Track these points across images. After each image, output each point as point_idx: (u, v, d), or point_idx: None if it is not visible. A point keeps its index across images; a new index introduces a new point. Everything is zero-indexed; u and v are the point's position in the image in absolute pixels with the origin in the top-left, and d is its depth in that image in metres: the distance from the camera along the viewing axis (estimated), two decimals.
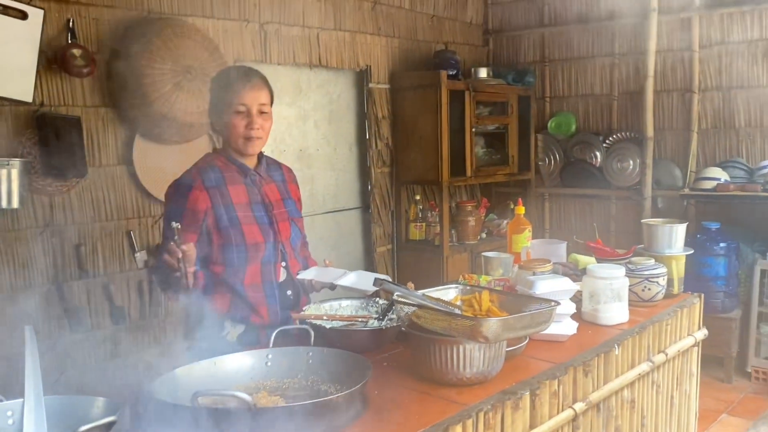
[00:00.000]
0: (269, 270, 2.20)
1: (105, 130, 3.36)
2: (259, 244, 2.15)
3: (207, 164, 2.18)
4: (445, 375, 1.65)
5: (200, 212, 2.10)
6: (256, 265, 2.17)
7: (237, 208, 2.15)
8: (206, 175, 2.14)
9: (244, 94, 2.11)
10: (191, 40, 3.41)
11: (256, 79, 2.16)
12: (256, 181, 2.23)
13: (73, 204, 3.26)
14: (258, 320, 2.17)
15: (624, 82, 5.20)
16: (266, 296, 2.19)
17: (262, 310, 2.18)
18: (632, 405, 2.14)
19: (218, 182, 2.15)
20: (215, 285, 2.14)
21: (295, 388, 1.64)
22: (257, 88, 2.15)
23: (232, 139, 2.15)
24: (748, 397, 4.16)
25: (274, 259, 2.21)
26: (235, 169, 2.19)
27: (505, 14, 5.75)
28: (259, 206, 2.20)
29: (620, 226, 5.27)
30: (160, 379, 1.45)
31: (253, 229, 2.15)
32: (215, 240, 2.12)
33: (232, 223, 2.13)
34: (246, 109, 2.12)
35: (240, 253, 2.13)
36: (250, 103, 2.12)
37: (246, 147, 2.16)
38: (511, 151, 5.30)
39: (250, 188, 2.21)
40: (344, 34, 4.54)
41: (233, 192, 2.16)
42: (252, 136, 2.14)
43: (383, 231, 4.98)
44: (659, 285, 2.39)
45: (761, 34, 4.58)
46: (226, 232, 2.12)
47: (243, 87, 2.12)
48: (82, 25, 3.24)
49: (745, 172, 4.57)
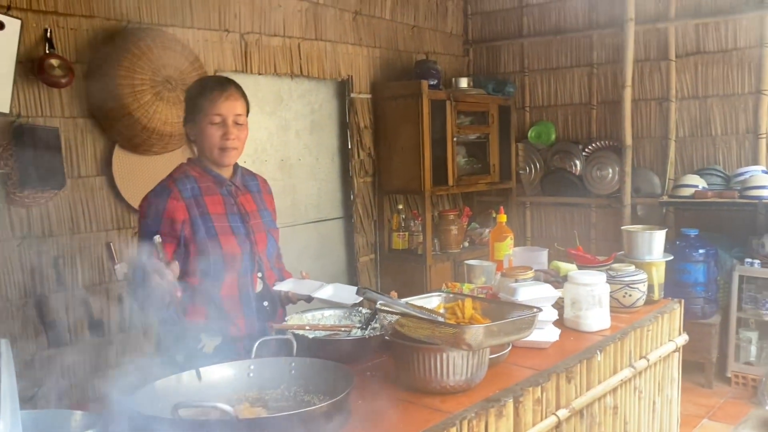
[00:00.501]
0: (246, 281, 2.18)
1: (84, 140, 3.33)
2: (236, 255, 2.13)
3: (182, 174, 2.16)
4: (428, 383, 1.65)
5: (178, 222, 2.07)
6: (233, 276, 2.14)
7: (214, 219, 2.12)
8: (182, 186, 2.12)
9: (220, 105, 2.09)
10: (171, 50, 3.39)
11: (231, 90, 2.14)
12: (232, 192, 2.21)
13: (51, 215, 3.22)
14: (235, 331, 2.15)
15: (602, 91, 5.26)
16: (243, 307, 2.17)
17: (240, 321, 2.16)
18: (615, 411, 2.15)
19: (195, 192, 2.12)
20: (191, 297, 2.11)
21: (277, 399, 1.63)
22: (233, 99, 2.13)
23: (208, 149, 2.13)
24: (729, 402, 4.20)
25: (251, 269, 2.19)
26: (211, 179, 2.17)
27: (484, 25, 5.80)
28: (236, 217, 2.18)
29: (600, 233, 5.32)
30: (140, 392, 1.43)
31: (230, 239, 2.13)
32: (191, 251, 2.10)
33: (209, 233, 2.10)
34: (221, 120, 2.10)
35: (217, 264, 2.11)
36: (225, 114, 2.10)
37: (221, 157, 2.14)
38: (492, 160, 5.33)
39: (226, 198, 2.18)
40: (325, 44, 4.55)
41: (210, 202, 2.14)
42: (227, 147, 2.12)
43: (366, 240, 4.98)
44: (640, 291, 2.41)
45: (735, 43, 4.66)
46: (203, 243, 2.09)
47: (219, 97, 2.10)
48: (60, 34, 3.21)
49: (722, 179, 4.63)
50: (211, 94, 2.10)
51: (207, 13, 3.82)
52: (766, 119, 4.59)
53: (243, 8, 4.01)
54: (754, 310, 4.33)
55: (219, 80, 2.20)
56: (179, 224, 2.07)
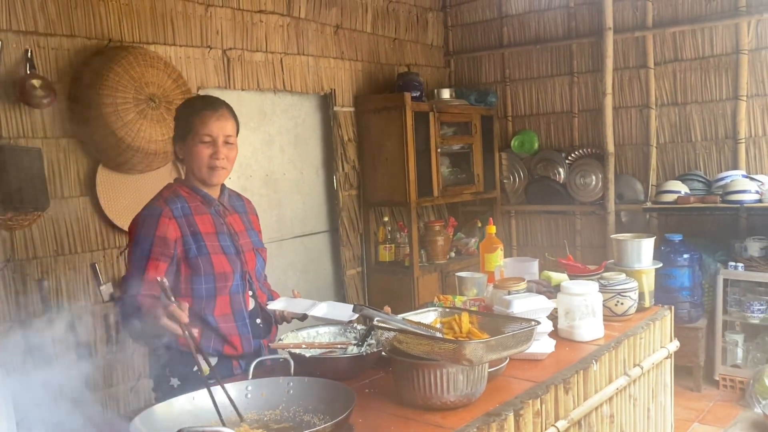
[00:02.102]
0: (238, 299, 2.17)
1: (67, 160, 3.29)
2: (227, 274, 2.12)
3: (172, 194, 2.15)
4: (429, 399, 1.64)
5: (171, 241, 2.05)
6: (225, 296, 2.14)
7: (205, 238, 2.11)
8: (173, 205, 2.10)
9: (211, 125, 2.10)
10: (153, 68, 3.37)
11: (222, 110, 2.15)
12: (221, 212, 2.21)
13: (34, 237, 3.17)
14: (231, 351, 2.13)
15: (583, 99, 5.32)
16: (237, 326, 2.16)
17: (235, 340, 2.14)
18: (612, 420, 2.15)
19: (185, 212, 2.12)
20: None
21: (277, 420, 1.61)
22: (224, 119, 2.13)
23: (197, 168, 2.13)
24: (718, 404, 4.24)
25: (242, 288, 2.19)
26: (200, 199, 2.17)
27: (465, 36, 5.84)
28: (225, 236, 2.17)
29: (585, 240, 5.35)
30: (139, 417, 1.41)
31: (221, 258, 2.12)
32: (183, 271, 2.08)
33: (201, 252, 2.09)
34: (211, 139, 2.10)
35: (209, 284, 2.10)
36: (216, 134, 2.10)
37: (210, 176, 2.14)
38: (476, 170, 5.36)
39: (215, 218, 2.18)
40: (307, 59, 4.55)
41: (200, 222, 2.13)
42: (216, 166, 2.12)
43: (352, 254, 4.96)
44: (631, 299, 2.43)
45: (712, 50, 4.74)
46: (195, 262, 2.08)
47: (209, 117, 2.10)
48: (41, 55, 3.18)
49: (703, 185, 4.69)
50: (202, 114, 2.10)
51: (189, 30, 3.81)
52: (745, 124, 4.66)
53: (225, 24, 4.00)
54: (739, 312, 4.38)
55: (210, 100, 2.19)
56: (172, 243, 2.05)
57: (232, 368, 2.13)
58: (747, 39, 4.59)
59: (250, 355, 2.12)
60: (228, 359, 2.13)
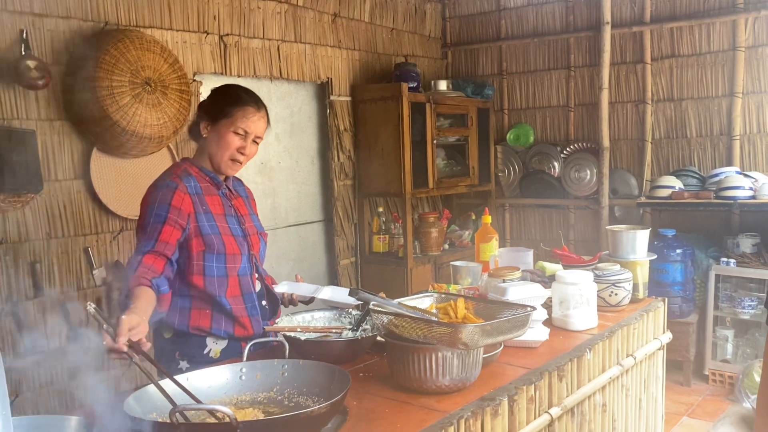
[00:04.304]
0: (247, 281, 2.19)
1: (61, 143, 3.26)
2: (236, 256, 2.14)
3: (183, 172, 2.14)
4: (424, 383, 1.64)
5: (184, 213, 2.06)
6: (234, 277, 2.15)
7: (215, 218, 2.13)
8: (186, 182, 2.11)
9: (250, 121, 2.11)
10: (150, 52, 3.34)
11: (263, 110, 2.17)
12: (227, 195, 2.22)
13: (27, 220, 3.15)
14: (242, 332, 2.15)
15: (580, 93, 5.32)
16: (247, 308, 2.18)
17: (245, 321, 2.16)
18: (604, 409, 2.16)
19: (197, 191, 2.13)
20: (193, 301, 2.10)
21: (271, 402, 1.60)
22: (263, 120, 2.16)
23: (219, 154, 2.13)
24: (707, 399, 4.26)
25: (250, 270, 2.21)
26: (209, 180, 2.18)
27: (462, 28, 5.83)
28: (233, 219, 2.19)
29: (579, 234, 5.37)
30: (132, 396, 1.40)
31: (230, 240, 2.14)
32: (195, 247, 2.07)
33: (213, 231, 2.10)
34: (245, 134, 2.11)
35: (220, 263, 2.11)
36: (251, 130, 2.12)
37: (228, 167, 2.16)
38: (471, 162, 5.36)
39: (224, 200, 2.20)
40: (305, 47, 4.53)
41: (210, 202, 2.14)
42: (239, 160, 2.14)
43: (346, 244, 4.96)
44: (625, 290, 2.44)
45: (709, 46, 4.75)
46: (209, 240, 2.08)
47: (253, 114, 2.12)
48: (37, 36, 3.14)
49: (697, 180, 4.71)
50: (247, 108, 2.11)
51: (186, 15, 3.78)
52: (740, 121, 4.68)
53: (222, 10, 3.98)
54: (730, 308, 4.40)
55: (256, 98, 2.19)
56: (185, 215, 2.06)
57: (241, 350, 2.13)
58: (744, 36, 4.60)
59: (259, 336, 2.13)
60: (237, 341, 2.15)
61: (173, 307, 2.08)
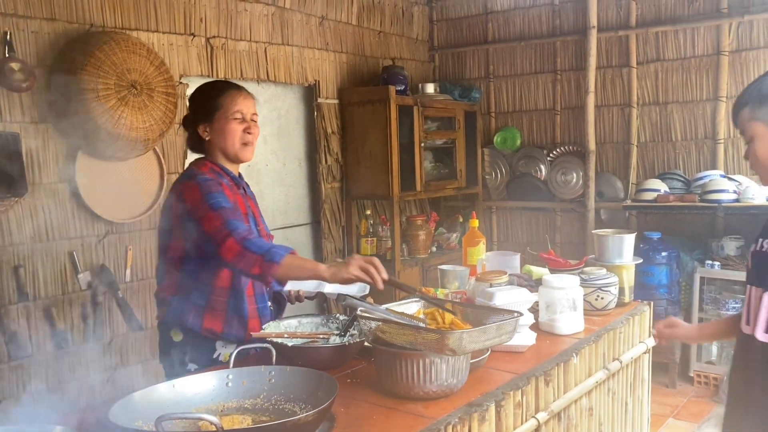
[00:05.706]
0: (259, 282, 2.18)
1: (45, 146, 3.23)
2: None
3: (209, 170, 2.15)
4: (411, 389, 1.64)
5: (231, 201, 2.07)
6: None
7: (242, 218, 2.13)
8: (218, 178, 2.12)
9: (240, 103, 2.16)
10: (136, 54, 3.32)
11: (245, 90, 2.23)
12: (244, 194, 2.24)
13: (11, 224, 3.11)
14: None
15: (566, 97, 5.35)
16: (259, 308, 2.19)
17: (255, 322, 2.16)
18: (590, 413, 2.17)
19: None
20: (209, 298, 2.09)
21: (258, 409, 1.60)
22: (250, 98, 2.22)
23: (230, 144, 2.15)
24: (692, 400, 4.30)
25: None
26: (230, 178, 2.20)
27: (450, 31, 5.84)
28: (251, 218, 2.22)
29: (565, 237, 5.39)
30: (118, 404, 1.39)
31: None
32: None
33: None
34: (242, 116, 2.16)
35: None
36: (245, 111, 2.17)
37: (244, 152, 2.19)
38: (458, 165, 5.37)
39: (243, 199, 2.22)
40: (292, 49, 4.52)
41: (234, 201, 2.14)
42: (249, 141, 2.18)
43: (334, 246, 4.95)
44: (611, 294, 2.45)
45: (694, 51, 4.79)
46: None
47: (238, 95, 2.17)
48: (21, 38, 3.11)
49: (682, 184, 4.75)
50: (231, 93, 2.17)
51: (172, 17, 3.76)
52: (724, 125, 4.72)
53: (209, 12, 3.96)
54: (714, 310, 4.44)
55: (232, 83, 2.25)
56: None
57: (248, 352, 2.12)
58: (728, 40, 4.64)
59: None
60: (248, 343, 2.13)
61: (188, 302, 2.08)
